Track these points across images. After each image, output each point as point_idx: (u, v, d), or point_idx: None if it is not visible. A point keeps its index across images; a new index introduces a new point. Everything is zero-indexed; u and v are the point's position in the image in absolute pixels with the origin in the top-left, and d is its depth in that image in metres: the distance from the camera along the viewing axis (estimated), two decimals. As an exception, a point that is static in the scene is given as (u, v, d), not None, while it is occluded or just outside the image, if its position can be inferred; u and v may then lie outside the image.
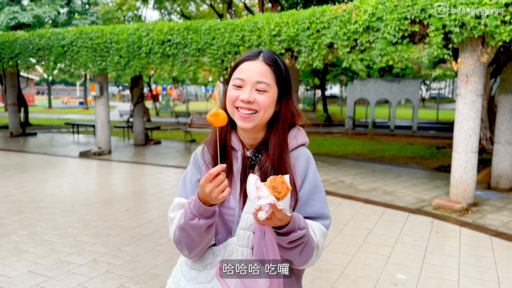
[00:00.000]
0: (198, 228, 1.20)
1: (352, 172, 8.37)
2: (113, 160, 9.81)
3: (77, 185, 7.12)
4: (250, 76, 1.27)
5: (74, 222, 5.09)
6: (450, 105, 38.06)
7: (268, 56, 1.30)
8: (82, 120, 20.94)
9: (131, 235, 4.68)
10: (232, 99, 1.29)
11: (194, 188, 1.37)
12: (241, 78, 1.27)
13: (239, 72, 1.29)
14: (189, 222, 1.20)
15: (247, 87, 1.27)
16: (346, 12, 6.40)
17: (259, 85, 1.27)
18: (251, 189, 1.05)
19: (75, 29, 9.92)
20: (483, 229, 4.99)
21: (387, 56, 6.22)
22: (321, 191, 1.35)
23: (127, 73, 9.36)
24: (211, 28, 8.07)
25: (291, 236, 1.16)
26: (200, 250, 1.28)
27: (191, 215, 1.20)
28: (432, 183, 7.43)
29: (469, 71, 5.67)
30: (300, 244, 1.21)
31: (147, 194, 6.64)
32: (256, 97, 1.27)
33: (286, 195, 1.04)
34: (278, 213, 1.08)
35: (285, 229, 1.15)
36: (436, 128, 18.79)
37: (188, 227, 1.21)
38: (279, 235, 1.17)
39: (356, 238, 4.67)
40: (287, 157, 1.32)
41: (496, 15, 5.09)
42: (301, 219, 1.20)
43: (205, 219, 1.19)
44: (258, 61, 1.29)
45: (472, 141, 5.78)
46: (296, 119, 1.40)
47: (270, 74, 1.29)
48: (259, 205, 1.03)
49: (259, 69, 1.28)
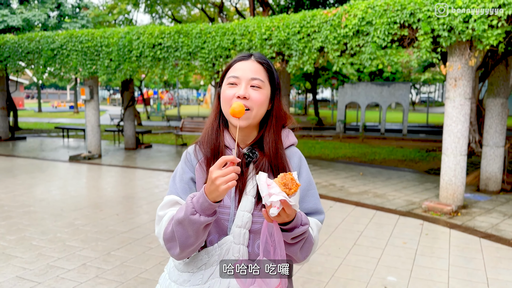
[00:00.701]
0: (198, 224, 1.17)
1: (343, 175, 8.40)
2: (104, 164, 9.74)
3: (66, 190, 7.05)
4: (245, 73, 1.30)
5: (63, 227, 5.03)
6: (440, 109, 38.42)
7: (259, 56, 1.35)
8: (72, 124, 20.77)
9: (121, 239, 4.64)
10: (229, 97, 1.29)
11: (185, 186, 1.34)
12: (235, 76, 1.30)
13: (233, 71, 1.32)
14: (190, 216, 1.17)
15: (242, 84, 1.29)
16: (336, 16, 6.44)
17: (254, 82, 1.30)
18: (262, 186, 1.07)
19: (65, 32, 9.86)
20: (473, 231, 5.03)
21: (377, 60, 6.27)
22: (314, 187, 1.40)
23: (118, 77, 9.31)
24: (202, 32, 8.06)
25: (295, 231, 1.19)
26: (191, 251, 1.25)
27: (193, 209, 1.17)
28: (422, 186, 7.48)
29: (457, 75, 5.74)
30: (302, 240, 1.24)
31: (138, 198, 6.60)
32: (251, 93, 1.29)
33: (296, 191, 1.08)
34: (288, 209, 1.11)
35: (290, 225, 1.18)
36: (426, 131, 18.95)
37: (187, 222, 1.18)
38: (283, 231, 1.19)
39: (347, 240, 4.68)
40: (283, 153, 1.36)
41: (484, 19, 5.15)
42: (302, 215, 1.23)
43: (206, 217, 1.17)
44: (251, 60, 1.33)
45: (461, 144, 5.83)
46: (286, 121, 1.43)
47: (263, 72, 1.33)
48: (271, 201, 1.06)
49: (252, 67, 1.31)
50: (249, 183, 1.31)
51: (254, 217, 1.28)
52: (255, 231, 1.29)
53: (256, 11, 15.71)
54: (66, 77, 10.34)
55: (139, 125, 20.51)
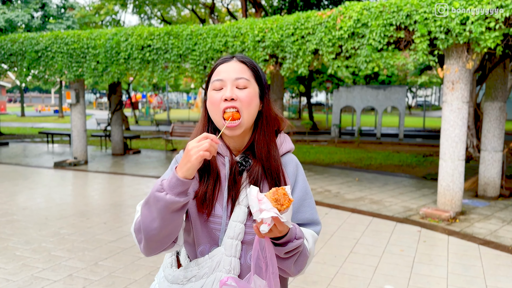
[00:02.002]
0: (162, 203, 1.12)
1: (338, 181, 8.44)
2: (90, 170, 9.68)
3: (51, 197, 7.00)
4: (228, 75, 1.29)
5: (48, 236, 5.00)
6: (437, 113, 38.78)
7: (242, 56, 1.35)
8: (57, 129, 20.62)
9: (108, 249, 4.61)
10: (216, 102, 1.29)
11: None
12: (219, 79, 1.29)
13: (216, 74, 1.31)
14: (155, 193, 1.13)
15: (227, 86, 1.28)
16: (331, 18, 6.50)
17: (239, 81, 1.29)
18: (253, 202, 1.05)
19: (50, 33, 9.82)
20: (471, 237, 5.08)
21: (373, 63, 6.33)
22: (310, 197, 1.38)
23: (105, 80, 9.29)
24: (193, 33, 8.08)
25: (288, 246, 1.17)
26: (157, 242, 1.19)
27: (160, 186, 1.14)
28: (419, 192, 7.53)
29: (455, 78, 5.81)
30: (296, 254, 1.22)
31: (126, 206, 6.57)
32: (238, 94, 1.28)
33: (288, 207, 1.05)
34: (280, 226, 1.08)
35: (283, 240, 1.16)
36: (423, 136, 19.10)
37: (152, 200, 1.14)
38: (276, 246, 1.17)
39: (343, 248, 4.70)
40: (276, 155, 1.34)
41: (481, 21, 5.23)
42: (297, 228, 1.21)
43: (172, 195, 1.11)
44: (233, 61, 1.33)
45: (459, 148, 5.89)
46: (281, 125, 1.42)
47: (247, 70, 1.32)
48: (261, 218, 1.04)
49: (236, 67, 1.31)
50: (242, 193, 1.29)
51: (247, 228, 1.27)
52: (248, 242, 1.27)
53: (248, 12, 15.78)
54: (51, 80, 10.28)
55: (127, 130, 20.43)
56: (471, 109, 7.87)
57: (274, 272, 1.16)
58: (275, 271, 1.16)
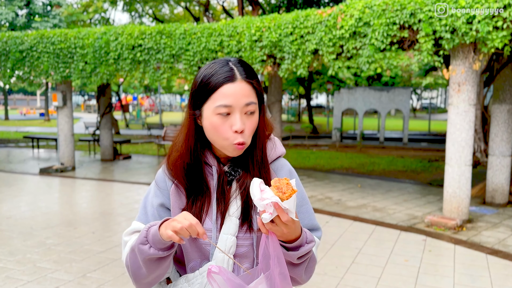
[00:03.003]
0: (146, 255, 1.16)
1: (339, 188, 8.46)
2: (78, 177, 9.67)
3: (37, 205, 6.98)
4: (237, 101, 1.20)
5: (34, 247, 4.98)
6: (443, 116, 38.92)
7: (244, 72, 1.24)
8: (43, 133, 20.57)
9: (97, 260, 4.60)
10: (223, 131, 1.22)
11: (155, 212, 1.32)
12: (227, 105, 1.20)
13: (221, 98, 1.20)
14: (139, 245, 1.17)
15: (236, 113, 1.21)
16: (331, 16, 6.53)
17: (248, 108, 1.22)
18: (255, 191, 1.07)
19: (35, 32, 9.83)
20: (479, 247, 5.10)
21: (375, 64, 6.36)
22: (307, 202, 1.38)
23: (93, 81, 9.29)
24: (186, 33, 8.11)
25: (301, 250, 1.17)
26: (147, 284, 1.25)
27: (144, 238, 1.17)
28: (425, 199, 7.56)
29: (461, 79, 5.84)
30: (307, 259, 1.23)
31: (116, 215, 6.56)
32: (246, 122, 1.23)
33: (291, 196, 1.06)
34: (282, 216, 1.07)
35: (295, 244, 1.16)
36: (428, 140, 19.16)
37: (136, 250, 1.18)
38: (288, 251, 1.17)
39: (345, 258, 4.71)
40: (269, 168, 1.34)
41: (488, 20, 5.27)
42: (307, 232, 1.21)
43: (156, 250, 1.16)
44: (239, 81, 1.22)
45: (466, 153, 5.92)
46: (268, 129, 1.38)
47: (253, 91, 1.24)
48: (263, 205, 1.06)
49: (244, 91, 1.22)
50: (232, 204, 1.29)
51: (239, 240, 1.26)
52: (240, 255, 1.27)
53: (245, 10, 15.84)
54: (36, 81, 10.28)
55: (117, 134, 20.41)
56: (478, 112, 7.91)
57: (283, 272, 1.14)
58: (284, 272, 1.14)
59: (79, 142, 15.88)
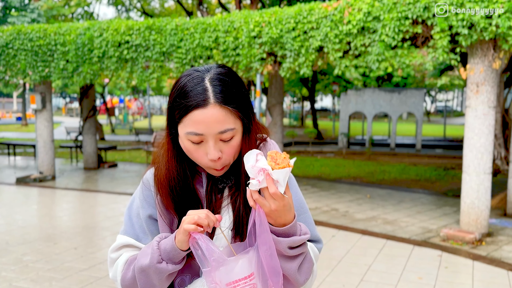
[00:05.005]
0: (164, 273, 1.22)
1: (347, 198, 8.46)
2: (58, 187, 9.65)
3: (13, 218, 6.96)
4: (209, 129, 1.17)
5: (9, 264, 4.97)
6: (459, 120, 39.03)
7: (221, 93, 1.18)
8: (20, 139, 20.56)
9: (79, 278, 4.59)
10: (197, 156, 1.23)
11: (143, 225, 1.33)
12: (197, 133, 1.18)
13: (191, 124, 1.17)
14: (156, 265, 1.21)
15: (209, 141, 1.19)
16: (338, 10, 6.57)
17: (224, 135, 1.19)
18: (250, 158, 1.12)
19: (12, 28, 9.85)
20: (499, 263, 5.10)
21: (386, 62, 6.39)
22: (307, 210, 1.39)
23: (76, 82, 9.30)
24: (178, 28, 8.14)
25: (291, 239, 1.18)
26: None
27: (159, 257, 1.21)
28: (440, 210, 7.57)
29: (479, 79, 5.87)
30: (301, 254, 1.23)
31: (100, 229, 6.55)
32: (223, 148, 1.21)
33: (284, 168, 1.09)
34: (271, 187, 1.09)
35: (285, 229, 1.17)
36: (444, 146, 19.20)
37: (152, 271, 1.22)
38: (279, 237, 1.17)
39: (353, 276, 4.71)
40: None
41: (509, 15, 5.31)
42: (301, 225, 1.24)
43: (173, 264, 1.21)
44: (212, 106, 1.16)
45: (485, 160, 5.94)
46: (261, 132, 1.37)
47: (231, 115, 1.19)
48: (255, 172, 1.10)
49: (217, 117, 1.16)
50: (224, 212, 1.30)
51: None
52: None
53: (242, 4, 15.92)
54: (13, 82, 10.30)
55: (102, 140, 20.41)
56: (498, 115, 7.94)
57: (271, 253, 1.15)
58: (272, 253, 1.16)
59: (60, 149, 15.86)
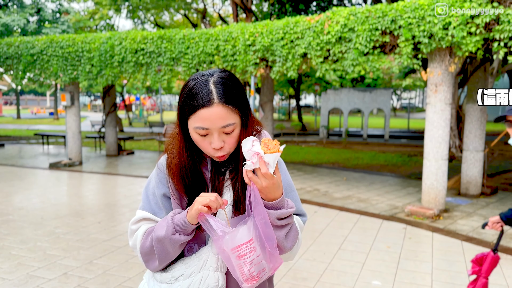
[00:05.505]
0: (177, 242, 1.23)
1: (327, 180, 8.45)
2: (85, 171, 9.59)
3: (46, 197, 6.91)
4: (214, 124, 1.20)
5: (44, 236, 4.93)
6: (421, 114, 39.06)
7: (223, 94, 1.20)
8: (52, 130, 20.40)
9: (103, 248, 4.56)
10: (203, 145, 1.25)
11: (158, 201, 1.34)
12: (204, 128, 1.20)
13: (199, 121, 1.20)
14: (171, 236, 1.22)
15: (213, 134, 1.22)
16: (319, 23, 6.50)
17: (226, 129, 1.21)
18: (247, 143, 1.15)
19: (45, 37, 9.71)
20: (454, 234, 5.11)
21: (359, 66, 6.34)
22: (294, 189, 1.40)
23: (99, 83, 9.20)
24: (185, 37, 8.04)
25: (280, 211, 1.20)
26: (168, 263, 1.31)
27: (173, 229, 1.22)
28: (405, 190, 7.57)
29: (438, 81, 5.85)
30: (288, 224, 1.24)
31: (120, 206, 6.51)
32: (225, 139, 1.23)
33: (274, 152, 1.13)
34: (262, 167, 1.12)
35: (274, 203, 1.19)
36: (407, 137, 19.22)
37: (167, 241, 1.23)
38: (269, 209, 1.20)
39: (332, 245, 4.70)
40: None
41: (463, 26, 5.27)
42: (288, 200, 1.25)
43: (185, 235, 1.23)
44: (216, 105, 1.19)
45: (442, 148, 5.93)
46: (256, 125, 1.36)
47: (232, 112, 1.21)
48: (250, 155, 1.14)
49: (220, 114, 1.19)
50: (226, 191, 1.31)
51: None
52: None
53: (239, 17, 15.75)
54: (46, 83, 10.17)
55: (121, 132, 20.28)
56: (453, 110, 7.93)
57: (266, 222, 1.18)
58: (266, 221, 1.18)
59: (86, 139, 15.75)
